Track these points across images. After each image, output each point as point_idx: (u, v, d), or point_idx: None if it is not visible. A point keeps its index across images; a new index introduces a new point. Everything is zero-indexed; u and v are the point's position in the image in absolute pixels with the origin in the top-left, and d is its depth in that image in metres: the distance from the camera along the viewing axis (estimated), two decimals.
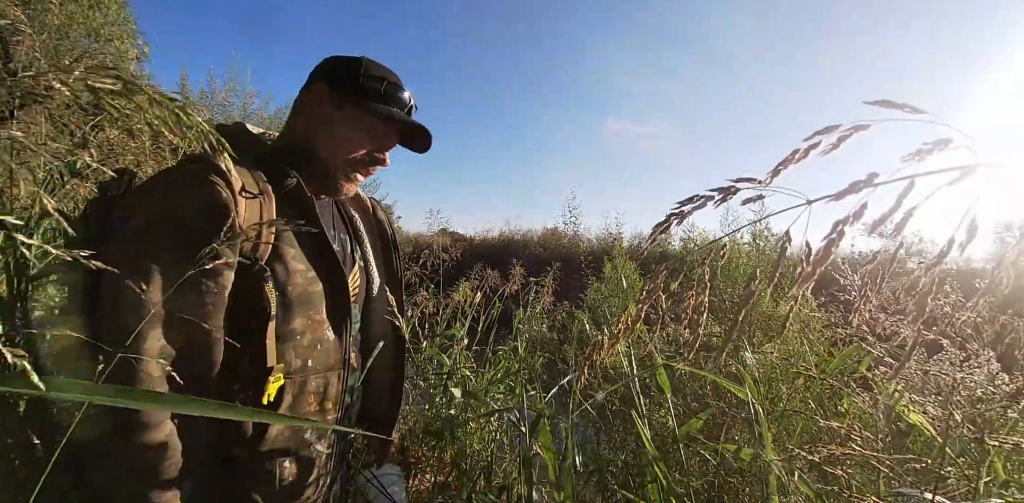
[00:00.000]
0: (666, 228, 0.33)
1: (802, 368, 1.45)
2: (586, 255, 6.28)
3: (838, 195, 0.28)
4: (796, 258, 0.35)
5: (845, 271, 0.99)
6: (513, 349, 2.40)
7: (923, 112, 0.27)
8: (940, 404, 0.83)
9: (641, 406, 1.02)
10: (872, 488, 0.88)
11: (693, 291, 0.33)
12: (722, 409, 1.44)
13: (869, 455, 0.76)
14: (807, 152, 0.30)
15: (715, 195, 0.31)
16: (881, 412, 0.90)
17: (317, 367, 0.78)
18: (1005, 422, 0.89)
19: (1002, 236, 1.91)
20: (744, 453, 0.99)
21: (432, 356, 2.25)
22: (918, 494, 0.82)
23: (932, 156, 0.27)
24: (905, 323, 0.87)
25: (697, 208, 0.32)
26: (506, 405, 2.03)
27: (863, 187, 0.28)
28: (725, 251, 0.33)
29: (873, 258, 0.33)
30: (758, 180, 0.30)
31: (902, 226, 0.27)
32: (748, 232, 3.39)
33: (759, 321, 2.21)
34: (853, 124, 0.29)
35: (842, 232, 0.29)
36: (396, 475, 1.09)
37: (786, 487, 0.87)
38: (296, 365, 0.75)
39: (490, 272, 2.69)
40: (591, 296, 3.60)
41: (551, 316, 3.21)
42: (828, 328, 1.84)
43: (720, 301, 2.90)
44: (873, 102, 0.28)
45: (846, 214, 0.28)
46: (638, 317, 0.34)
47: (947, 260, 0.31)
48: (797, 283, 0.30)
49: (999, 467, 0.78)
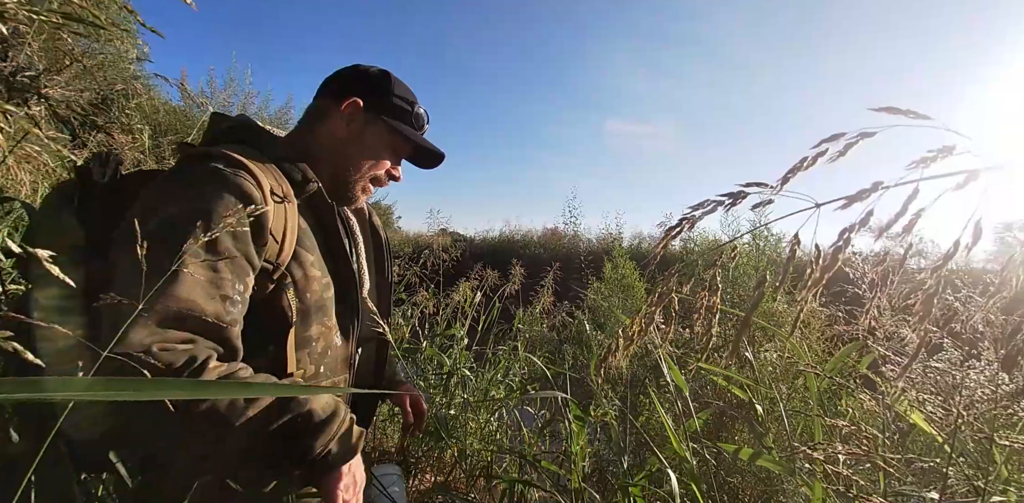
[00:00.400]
0: (678, 232, 0.33)
1: (802, 367, 1.45)
2: (586, 255, 6.28)
3: (845, 203, 0.29)
4: (800, 260, 0.36)
5: (855, 263, 0.98)
6: (513, 349, 2.40)
7: (928, 118, 0.27)
8: (941, 404, 0.83)
9: (657, 401, 1.03)
10: (874, 488, 0.89)
11: (706, 292, 0.33)
12: (722, 409, 1.45)
13: (873, 455, 0.77)
14: (815, 160, 0.30)
15: (725, 200, 0.32)
16: (885, 411, 0.91)
17: (327, 373, 0.79)
18: (1007, 421, 0.90)
19: (1002, 236, 1.91)
20: (744, 452, 0.99)
21: (432, 356, 2.25)
22: (921, 494, 0.83)
23: (936, 163, 0.27)
24: (912, 323, 0.88)
25: (708, 213, 0.32)
26: (505, 405, 2.04)
27: (869, 194, 0.28)
28: (736, 253, 0.34)
29: (882, 260, 0.33)
30: (768, 185, 0.31)
31: (910, 228, 0.27)
32: (748, 233, 3.39)
33: (761, 319, 2.21)
34: (859, 132, 0.29)
35: (848, 240, 0.29)
36: (396, 475, 1.10)
37: (786, 487, 0.87)
38: (311, 371, 0.76)
39: (490, 272, 2.70)
40: (591, 296, 3.61)
41: (551, 316, 3.21)
42: (829, 327, 1.84)
43: (720, 301, 2.90)
44: (878, 109, 0.28)
45: (852, 222, 0.29)
46: (651, 319, 0.34)
47: (948, 264, 0.31)
48: (807, 288, 0.30)
49: (1002, 467, 0.79)
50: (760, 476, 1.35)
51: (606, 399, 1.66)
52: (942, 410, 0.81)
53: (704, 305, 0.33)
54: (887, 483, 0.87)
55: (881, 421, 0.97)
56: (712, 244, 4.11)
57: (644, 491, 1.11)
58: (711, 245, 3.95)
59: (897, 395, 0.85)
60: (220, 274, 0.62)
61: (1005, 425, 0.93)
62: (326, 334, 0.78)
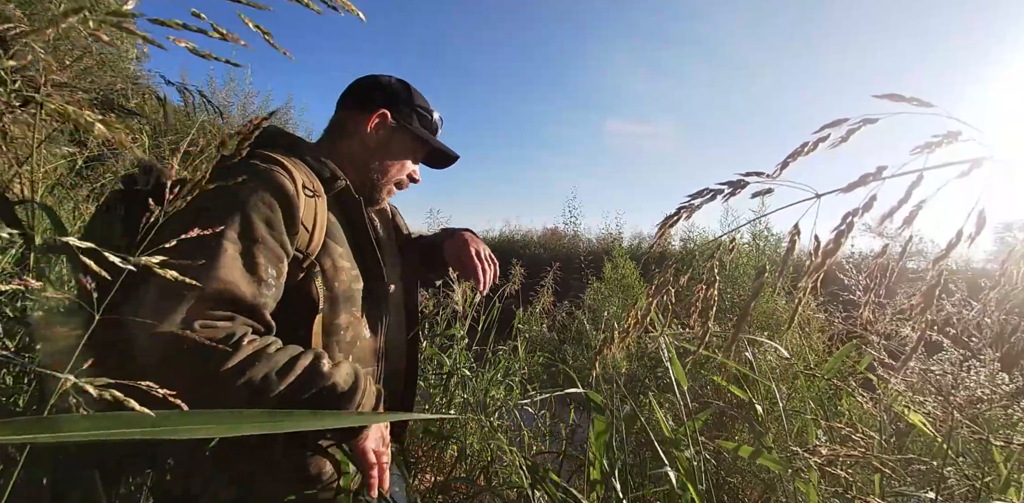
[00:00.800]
0: (676, 221, 0.33)
1: (802, 367, 1.45)
2: (586, 255, 6.27)
3: (848, 187, 0.28)
4: (800, 255, 0.35)
5: (849, 270, 0.99)
6: (513, 349, 2.40)
7: (931, 105, 0.27)
8: (940, 404, 0.83)
9: (652, 401, 1.02)
10: (871, 488, 0.88)
11: (703, 284, 0.33)
12: (722, 409, 1.44)
13: (872, 456, 0.76)
14: (816, 145, 0.30)
15: (725, 188, 0.31)
16: (883, 411, 0.90)
17: (356, 363, 0.82)
18: (1007, 421, 0.89)
19: (1002, 236, 1.91)
20: (743, 450, 0.99)
21: (432, 356, 2.24)
22: (919, 494, 0.82)
23: (941, 149, 0.27)
24: (911, 317, 0.87)
25: (707, 201, 0.32)
26: (508, 406, 2.03)
27: (872, 180, 0.28)
28: (733, 245, 0.33)
29: (881, 252, 0.33)
30: (767, 174, 0.30)
31: (911, 219, 0.27)
32: (747, 232, 3.39)
33: (759, 320, 2.21)
34: (862, 117, 0.29)
35: (852, 223, 0.29)
36: (396, 475, 1.09)
37: (787, 487, 0.87)
38: (339, 359, 0.79)
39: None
40: (591, 296, 3.60)
41: (551, 316, 3.21)
42: (828, 328, 1.84)
43: (721, 301, 2.90)
44: (881, 96, 0.28)
45: (856, 206, 0.28)
46: (648, 311, 0.34)
47: (948, 260, 0.31)
48: (807, 274, 0.30)
49: (1002, 467, 0.78)
50: (761, 477, 1.34)
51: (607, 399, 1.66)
52: (941, 411, 0.81)
53: (701, 297, 0.33)
54: (886, 483, 0.86)
55: (879, 422, 0.97)
56: (712, 241, 4.11)
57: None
58: (711, 243, 3.96)
59: (894, 396, 0.85)
60: (256, 259, 0.67)
61: (1005, 425, 0.93)
62: (354, 324, 0.82)
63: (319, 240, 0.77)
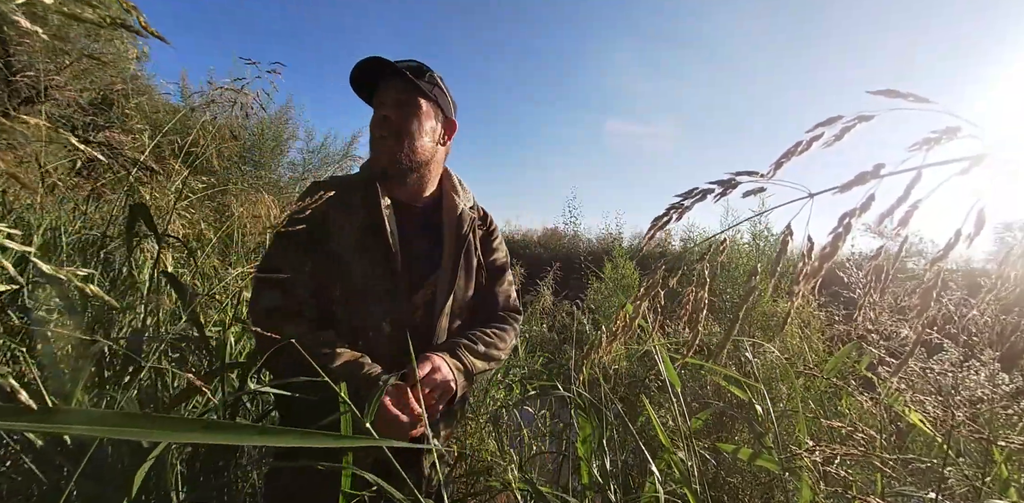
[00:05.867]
0: (666, 222, 0.32)
1: (802, 367, 1.44)
2: (586, 255, 6.26)
3: (844, 187, 0.28)
4: (797, 254, 0.35)
5: (849, 269, 0.98)
6: (513, 349, 2.39)
7: (928, 101, 0.26)
8: (940, 404, 0.82)
9: (647, 404, 1.01)
10: (872, 488, 0.87)
11: (693, 287, 0.32)
12: (722, 409, 1.43)
13: (872, 455, 0.76)
14: (810, 144, 0.29)
15: (715, 188, 0.31)
16: (882, 412, 0.90)
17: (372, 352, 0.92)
18: (1006, 421, 0.89)
19: (1002, 236, 1.90)
20: (743, 452, 0.98)
21: None
22: (920, 494, 0.82)
23: (940, 145, 0.26)
24: (910, 318, 0.87)
25: (697, 201, 0.31)
26: (509, 405, 2.03)
27: (870, 178, 0.27)
28: (725, 246, 0.33)
29: (878, 254, 0.32)
30: (759, 173, 0.30)
31: (907, 219, 0.27)
32: (748, 232, 3.37)
33: (758, 321, 2.20)
34: (857, 114, 0.28)
35: (849, 225, 0.28)
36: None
37: (787, 487, 0.86)
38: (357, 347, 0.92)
39: None
40: (591, 296, 3.59)
41: (551, 316, 3.20)
42: (828, 328, 1.83)
43: (720, 301, 2.89)
44: (877, 92, 0.27)
45: (852, 207, 0.27)
46: (636, 314, 0.33)
47: (948, 260, 0.30)
48: (804, 278, 0.29)
49: (1003, 467, 0.78)
50: (760, 477, 1.34)
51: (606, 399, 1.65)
52: (941, 410, 0.80)
53: (691, 300, 0.32)
54: (886, 483, 0.86)
55: (879, 421, 0.96)
56: (703, 241, 4.10)
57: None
58: (702, 244, 3.94)
59: (895, 395, 0.84)
60: (295, 254, 0.93)
61: (1005, 425, 0.92)
62: (371, 317, 0.95)
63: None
